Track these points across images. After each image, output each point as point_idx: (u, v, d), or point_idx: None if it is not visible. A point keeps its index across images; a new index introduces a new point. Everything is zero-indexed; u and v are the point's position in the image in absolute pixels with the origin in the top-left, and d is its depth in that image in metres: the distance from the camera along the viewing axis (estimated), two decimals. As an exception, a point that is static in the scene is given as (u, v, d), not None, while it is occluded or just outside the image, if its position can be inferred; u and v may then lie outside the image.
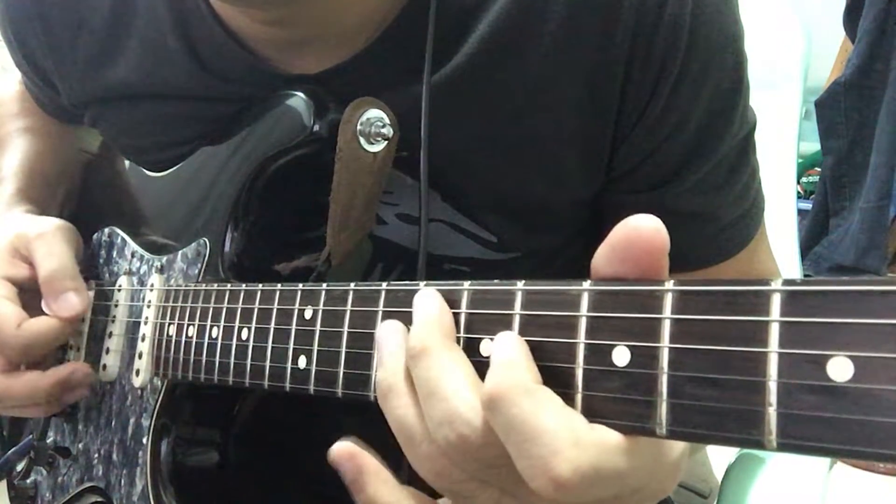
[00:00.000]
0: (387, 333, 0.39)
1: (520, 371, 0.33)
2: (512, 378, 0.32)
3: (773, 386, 0.27)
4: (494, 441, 0.33)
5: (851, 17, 1.84)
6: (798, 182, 1.73)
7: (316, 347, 0.46)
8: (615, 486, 0.32)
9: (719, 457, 0.91)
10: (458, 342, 0.37)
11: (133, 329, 0.65)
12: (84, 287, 0.66)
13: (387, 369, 0.38)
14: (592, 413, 0.32)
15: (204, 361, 0.55)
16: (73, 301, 0.64)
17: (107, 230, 0.75)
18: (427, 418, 0.35)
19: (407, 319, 0.40)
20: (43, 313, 0.65)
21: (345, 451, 0.40)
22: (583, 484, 0.30)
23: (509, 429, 0.32)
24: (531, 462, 0.31)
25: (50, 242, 0.66)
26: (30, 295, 0.66)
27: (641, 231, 0.32)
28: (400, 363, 0.38)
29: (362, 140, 0.54)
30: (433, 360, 0.35)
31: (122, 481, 0.64)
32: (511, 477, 0.34)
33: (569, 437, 0.31)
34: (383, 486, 0.39)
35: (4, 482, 0.79)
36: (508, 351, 0.34)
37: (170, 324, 0.60)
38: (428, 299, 0.38)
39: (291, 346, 0.48)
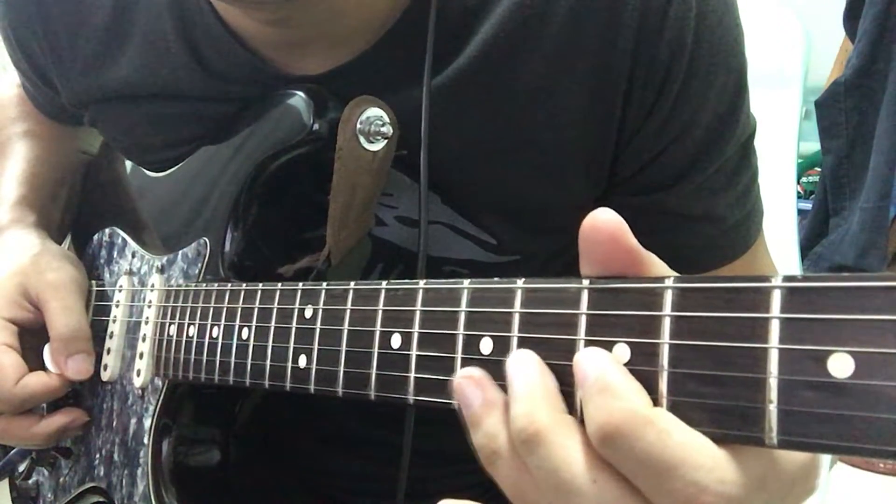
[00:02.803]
0: (469, 389, 0.35)
1: (632, 396, 0.29)
2: (624, 407, 0.29)
3: (773, 382, 0.27)
4: None
5: (851, 17, 1.83)
6: (798, 182, 1.73)
7: (316, 346, 0.46)
8: (761, 496, 0.29)
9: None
10: (457, 340, 0.37)
11: (134, 329, 0.65)
12: (93, 350, 0.67)
13: (486, 433, 0.33)
14: None
15: (204, 361, 0.55)
16: (83, 365, 0.66)
17: (107, 230, 0.75)
18: None
19: (407, 318, 0.40)
20: (40, 356, 0.66)
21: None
22: None
23: (637, 465, 0.29)
24: (671, 499, 0.28)
25: (65, 297, 0.66)
26: (30, 334, 0.67)
27: (598, 225, 0.32)
28: (498, 424, 0.33)
29: (362, 139, 0.54)
30: (553, 447, 0.31)
31: (124, 482, 0.64)
32: None
33: (706, 464, 0.28)
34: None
35: (7, 483, 0.79)
36: (605, 372, 0.30)
37: (170, 323, 0.60)
38: (525, 362, 0.33)
39: (292, 345, 0.48)
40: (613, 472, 0.30)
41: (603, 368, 0.30)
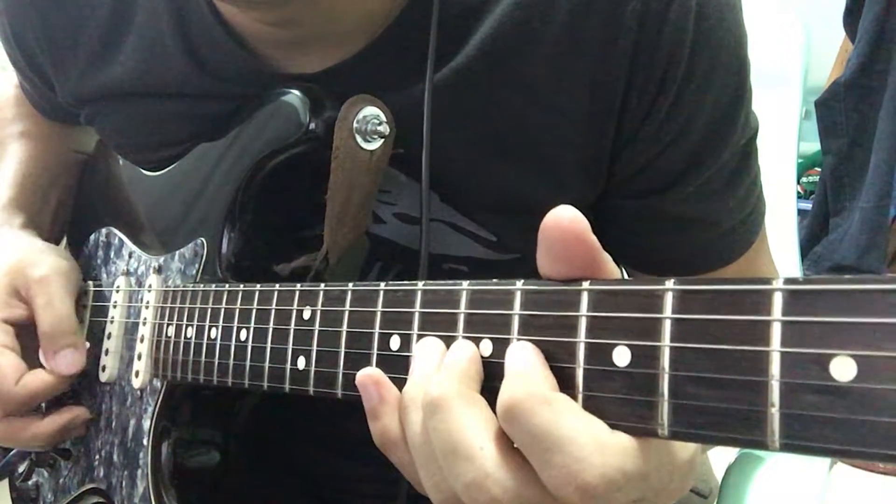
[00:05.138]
0: (423, 347, 0.38)
1: (536, 380, 0.32)
2: (528, 388, 0.32)
3: (775, 386, 0.26)
4: (530, 498, 0.32)
5: (851, 17, 1.84)
6: (798, 182, 1.73)
7: (315, 348, 0.45)
8: (640, 488, 0.32)
9: (719, 457, 0.91)
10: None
11: (132, 330, 0.65)
12: (82, 341, 0.67)
13: (417, 383, 0.37)
14: (593, 414, 0.32)
15: (203, 362, 0.55)
16: (71, 359, 0.65)
17: (104, 230, 0.75)
18: (449, 474, 0.34)
19: (406, 319, 0.40)
20: (39, 357, 0.66)
21: (370, 376, 0.39)
22: (610, 489, 0.30)
23: (530, 440, 0.31)
24: (556, 472, 0.31)
25: (50, 291, 0.66)
26: (27, 332, 0.66)
27: (561, 223, 0.33)
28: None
29: (359, 138, 0.54)
30: (452, 413, 0.34)
31: (124, 483, 0.64)
32: None
33: (592, 444, 0.30)
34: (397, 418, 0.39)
35: (6, 484, 0.79)
36: (523, 360, 0.33)
37: (168, 324, 0.60)
38: (461, 347, 0.37)
39: (290, 346, 0.47)
40: (504, 447, 0.33)
41: (525, 358, 0.33)
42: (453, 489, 0.34)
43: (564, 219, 0.33)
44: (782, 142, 1.14)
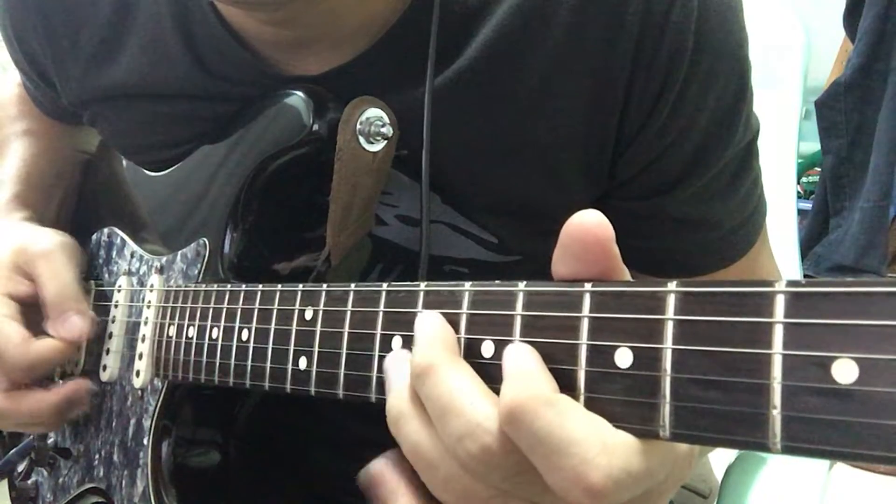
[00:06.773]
0: (393, 361, 0.39)
1: (537, 381, 0.32)
2: (530, 389, 0.32)
3: (777, 388, 0.27)
4: (517, 447, 0.32)
5: (851, 17, 1.84)
6: (798, 182, 1.73)
7: (317, 348, 0.45)
8: (645, 484, 0.31)
9: (719, 457, 0.91)
10: (459, 343, 0.37)
11: (133, 329, 0.65)
12: (87, 309, 0.67)
13: (394, 395, 0.37)
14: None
15: (204, 362, 0.55)
16: (77, 324, 0.65)
17: (106, 230, 0.75)
18: (444, 436, 0.34)
19: (408, 320, 0.40)
20: (44, 329, 0.66)
21: (370, 477, 0.40)
22: (618, 488, 0.30)
23: (534, 442, 0.31)
24: (562, 474, 0.30)
25: (54, 262, 0.66)
26: (32, 310, 0.66)
27: (585, 225, 0.33)
28: (406, 386, 0.37)
29: (362, 139, 0.54)
30: (440, 376, 0.35)
31: (124, 482, 0.64)
32: (537, 484, 0.33)
33: (597, 445, 0.30)
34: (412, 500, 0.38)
35: (6, 483, 0.79)
36: (522, 361, 0.33)
37: (170, 324, 0.60)
38: (428, 318, 0.38)
39: (292, 347, 0.47)
40: (496, 402, 0.33)
41: (524, 359, 0.33)
42: (454, 452, 0.34)
43: (589, 221, 0.33)
44: (782, 142, 1.15)
